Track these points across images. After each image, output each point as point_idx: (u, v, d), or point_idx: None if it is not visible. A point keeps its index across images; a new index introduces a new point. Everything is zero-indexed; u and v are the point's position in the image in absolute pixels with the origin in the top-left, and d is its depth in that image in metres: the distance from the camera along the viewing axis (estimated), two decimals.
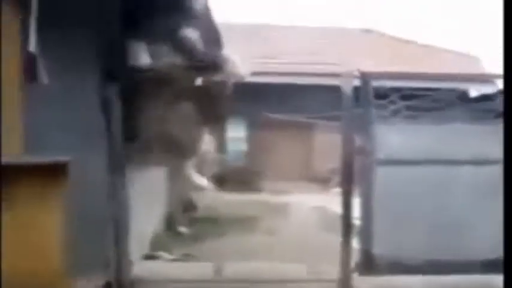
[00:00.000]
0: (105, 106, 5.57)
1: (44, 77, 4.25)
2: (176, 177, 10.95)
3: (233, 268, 6.77)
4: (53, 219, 4.10)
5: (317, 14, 38.72)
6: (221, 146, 15.57)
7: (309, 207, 13.45)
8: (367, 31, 22.97)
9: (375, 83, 6.03)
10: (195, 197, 12.53)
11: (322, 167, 17.65)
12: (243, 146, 18.79)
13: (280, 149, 18.61)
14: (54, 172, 4.04)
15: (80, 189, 4.93)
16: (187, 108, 7.94)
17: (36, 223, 4.06)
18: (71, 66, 5.27)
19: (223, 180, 15.51)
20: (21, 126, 4.28)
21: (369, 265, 6.15)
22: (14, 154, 4.12)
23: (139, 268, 6.49)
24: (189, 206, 11.98)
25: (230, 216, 11.58)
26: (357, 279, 6.16)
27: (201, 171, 12.91)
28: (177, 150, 7.95)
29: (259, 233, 10.43)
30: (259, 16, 41.25)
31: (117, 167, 5.77)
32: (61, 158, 4.07)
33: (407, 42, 21.93)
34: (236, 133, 17.99)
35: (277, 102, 16.59)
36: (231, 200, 13.67)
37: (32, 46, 4.10)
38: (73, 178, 4.29)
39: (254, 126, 18.26)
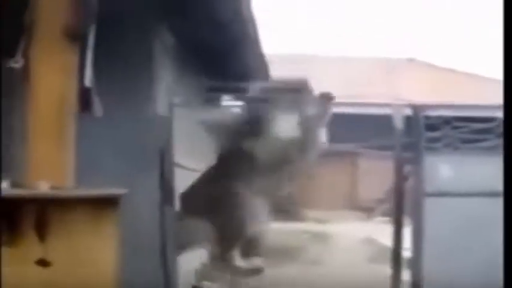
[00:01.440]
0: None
1: (98, 110, 4.32)
2: None
3: None
4: (106, 248, 4.14)
5: (361, 45, 38.74)
6: None
7: (354, 236, 13.29)
8: (411, 60, 22.87)
9: (426, 113, 5.98)
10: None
11: (366, 196, 17.49)
12: None
13: (324, 177, 18.47)
14: (109, 203, 4.08)
15: (131, 218, 4.96)
16: None
17: (90, 251, 4.10)
18: (125, 98, 5.36)
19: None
20: (74, 158, 4.34)
21: None
22: (68, 185, 4.18)
23: None
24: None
25: (273, 247, 11.47)
26: None
27: None
28: None
29: (304, 264, 10.32)
30: (305, 47, 41.50)
31: (168, 198, 5.83)
32: (115, 191, 4.12)
33: (451, 70, 21.74)
34: None
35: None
36: (273, 230, 13.53)
37: (88, 80, 4.16)
38: (124, 208, 4.33)
39: None
